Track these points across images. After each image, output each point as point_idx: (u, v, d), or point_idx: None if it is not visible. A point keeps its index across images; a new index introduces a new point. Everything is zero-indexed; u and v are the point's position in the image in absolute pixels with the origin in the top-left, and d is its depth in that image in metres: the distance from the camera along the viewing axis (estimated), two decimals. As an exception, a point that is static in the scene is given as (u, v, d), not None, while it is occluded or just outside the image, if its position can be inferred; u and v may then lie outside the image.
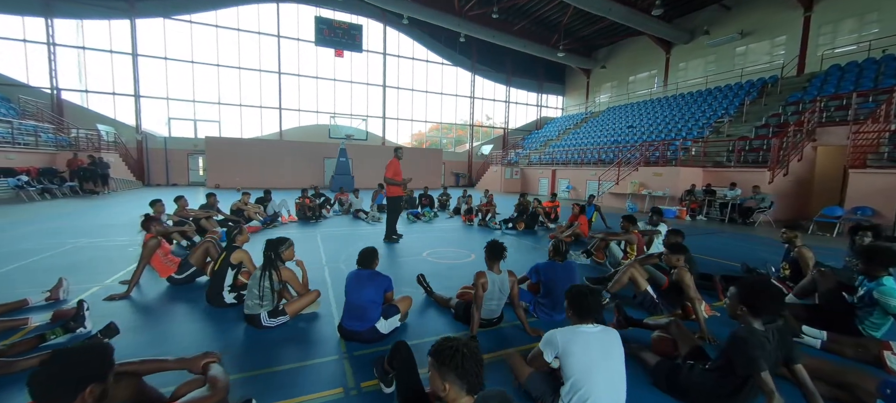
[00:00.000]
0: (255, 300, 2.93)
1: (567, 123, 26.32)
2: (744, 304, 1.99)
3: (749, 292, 1.98)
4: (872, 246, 3.21)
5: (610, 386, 1.77)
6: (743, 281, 2.05)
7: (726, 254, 6.50)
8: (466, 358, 1.36)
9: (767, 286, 2.00)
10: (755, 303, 1.96)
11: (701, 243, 7.50)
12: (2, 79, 16.47)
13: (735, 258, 6.13)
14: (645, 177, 13.61)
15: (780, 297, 1.98)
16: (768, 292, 1.97)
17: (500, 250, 3.02)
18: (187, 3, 19.05)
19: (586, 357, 1.79)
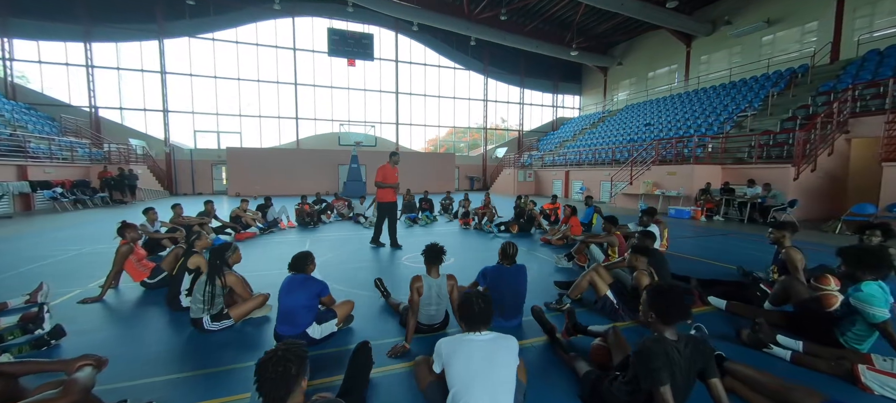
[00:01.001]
0: (198, 305, 3.01)
1: (583, 122, 25.65)
2: (653, 310, 1.83)
3: (657, 298, 1.81)
4: (854, 246, 2.89)
5: (490, 397, 1.66)
6: (653, 287, 1.88)
7: (731, 256, 6.06)
8: (263, 369, 1.33)
9: (677, 292, 1.82)
10: (664, 310, 1.79)
11: (709, 245, 7.05)
12: (47, 100, 18.06)
13: (741, 261, 5.70)
14: (658, 176, 12.98)
15: (687, 304, 1.80)
16: (677, 298, 1.79)
17: (437, 253, 2.94)
18: (210, 23, 20.16)
19: (468, 366, 1.69)
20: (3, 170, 10.94)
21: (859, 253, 2.81)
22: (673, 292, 1.80)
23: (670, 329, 1.80)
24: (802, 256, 3.58)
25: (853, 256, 2.77)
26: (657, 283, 1.88)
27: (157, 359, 2.69)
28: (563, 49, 23.34)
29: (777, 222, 3.92)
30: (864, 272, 2.70)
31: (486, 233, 8.22)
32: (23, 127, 14.09)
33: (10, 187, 10.65)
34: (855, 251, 2.84)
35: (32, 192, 11.32)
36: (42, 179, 11.86)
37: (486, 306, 1.84)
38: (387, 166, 6.46)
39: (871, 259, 2.68)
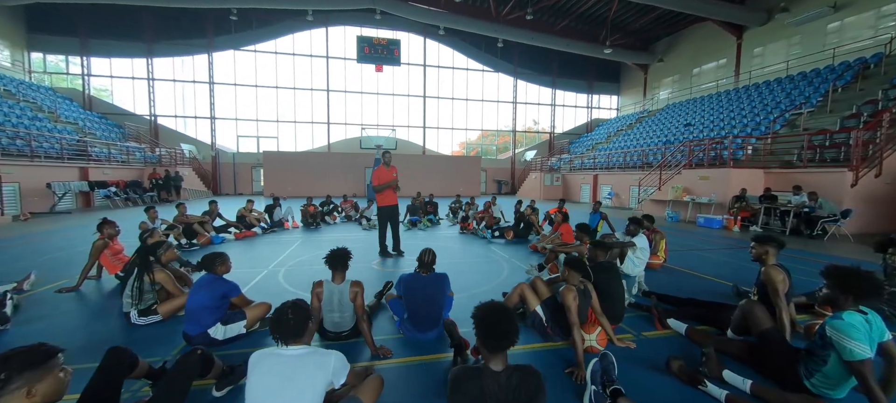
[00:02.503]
0: (127, 299, 3.17)
1: (619, 124, 24.16)
2: (477, 336, 1.59)
3: (479, 323, 1.57)
4: (840, 266, 2.36)
5: None
6: (478, 311, 1.63)
7: (749, 274, 5.30)
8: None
9: (496, 315, 1.56)
10: (481, 336, 1.55)
11: (726, 260, 6.24)
12: (116, 109, 20.51)
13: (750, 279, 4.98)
14: (690, 181, 11.82)
15: (506, 329, 1.53)
16: (494, 321, 1.54)
17: (339, 258, 2.84)
18: (253, 36, 21.74)
19: (262, 382, 1.58)
20: (68, 171, 12.55)
21: (844, 274, 2.28)
22: (492, 314, 1.56)
23: (495, 358, 1.56)
24: (785, 277, 3.00)
25: (835, 277, 2.27)
26: (480, 305, 1.63)
27: (83, 348, 2.85)
28: (597, 47, 22.15)
29: (760, 234, 3.33)
30: (846, 297, 2.20)
31: (480, 238, 7.97)
32: (92, 134, 16.10)
33: (72, 186, 12.18)
34: (839, 272, 2.31)
35: (91, 190, 12.85)
36: (100, 179, 13.43)
37: (298, 317, 1.71)
38: (381, 168, 6.03)
39: (857, 282, 2.18)
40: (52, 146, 12.71)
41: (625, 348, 2.94)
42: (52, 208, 11.39)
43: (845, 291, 2.18)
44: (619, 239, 5.29)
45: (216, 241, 6.99)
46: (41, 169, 11.54)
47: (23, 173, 10.81)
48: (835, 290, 2.21)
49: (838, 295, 2.20)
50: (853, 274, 2.21)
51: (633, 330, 3.32)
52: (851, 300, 2.16)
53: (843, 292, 2.18)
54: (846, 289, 2.19)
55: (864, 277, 2.18)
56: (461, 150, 28.73)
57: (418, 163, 23.03)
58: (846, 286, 2.20)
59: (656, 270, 5.45)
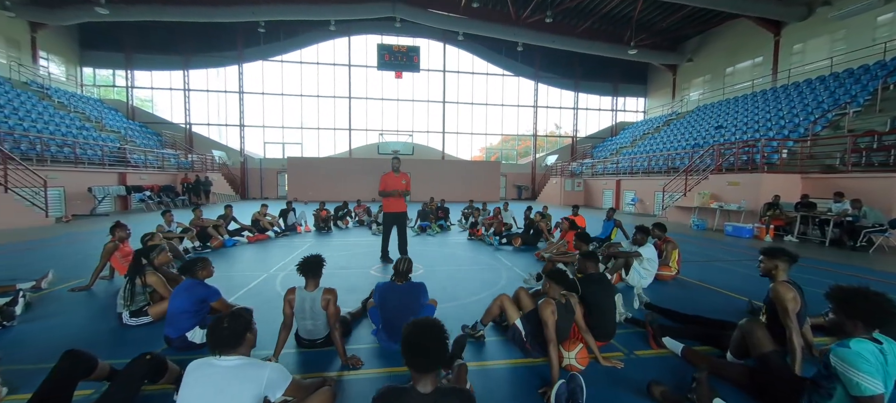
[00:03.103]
0: (120, 300, 3.30)
1: (646, 127, 23.20)
2: (402, 355, 1.49)
3: (404, 341, 1.48)
4: (849, 287, 2.08)
5: None
6: (405, 328, 1.52)
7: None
8: None
9: (423, 335, 1.46)
10: (407, 355, 1.46)
11: (746, 273, 5.77)
12: (156, 119, 21.94)
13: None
14: (718, 187, 11.11)
15: (431, 351, 1.42)
16: (420, 341, 1.44)
17: (311, 265, 2.82)
18: (280, 47, 22.67)
19: (192, 392, 1.56)
20: (108, 176, 13.49)
21: (850, 296, 2.01)
22: (417, 333, 1.46)
23: (423, 379, 1.46)
24: (796, 295, 2.69)
25: (840, 299, 2.00)
26: (410, 322, 1.53)
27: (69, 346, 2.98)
28: (622, 48, 21.38)
29: (770, 247, 3.01)
30: (854, 323, 1.93)
31: (486, 245, 7.82)
32: (132, 141, 17.26)
33: (111, 190, 13.07)
34: (845, 294, 2.04)
35: (128, 194, 13.75)
36: (136, 184, 14.35)
37: (234, 327, 1.69)
38: (390, 174, 5.99)
39: (864, 306, 1.90)
40: (94, 153, 13.73)
41: (611, 367, 2.73)
42: (92, 210, 12.26)
43: (851, 316, 1.92)
44: (625, 248, 5.03)
45: (228, 244, 7.25)
46: (84, 174, 12.47)
47: (67, 178, 11.71)
48: (840, 315, 1.95)
49: (845, 321, 1.93)
50: (861, 296, 1.94)
51: (626, 348, 3.09)
52: (861, 326, 1.89)
53: (849, 317, 1.91)
54: (852, 314, 1.92)
55: (873, 300, 1.90)
56: (482, 155, 28.57)
57: (437, 168, 23.08)
58: (852, 310, 1.93)
59: (667, 282, 5.11)
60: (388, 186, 5.90)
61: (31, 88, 16.32)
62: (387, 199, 5.96)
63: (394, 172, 5.94)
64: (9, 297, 3.60)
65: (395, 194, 5.89)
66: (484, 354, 3.06)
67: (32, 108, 14.21)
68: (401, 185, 5.90)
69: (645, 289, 4.71)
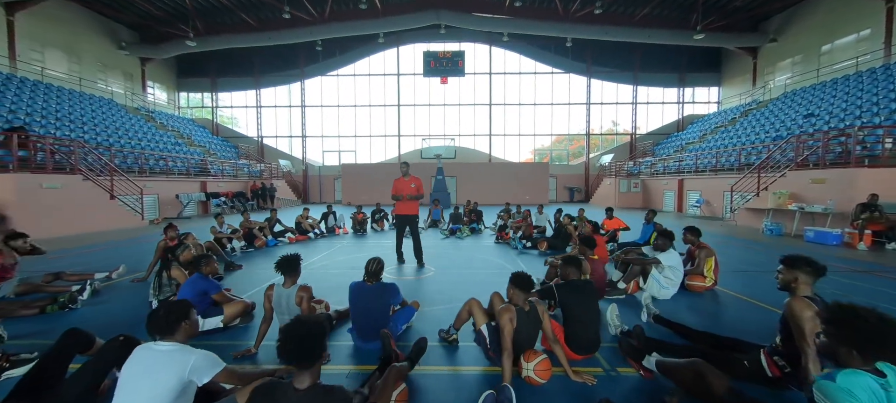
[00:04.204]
0: (151, 290, 3.84)
1: (719, 119, 20.63)
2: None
3: (281, 335, 1.52)
4: (844, 308, 1.70)
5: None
6: (286, 324, 1.57)
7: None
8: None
9: (299, 331, 1.48)
10: (280, 350, 1.50)
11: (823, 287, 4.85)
12: (235, 134, 24.98)
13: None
14: (798, 185, 9.48)
15: (302, 348, 1.44)
16: (293, 337, 1.47)
17: (287, 264, 3.00)
18: (336, 63, 24.38)
19: (128, 371, 1.77)
20: (192, 185, 15.66)
21: (849, 317, 1.63)
22: (295, 328, 1.50)
23: (300, 376, 1.49)
24: (814, 313, 2.23)
25: (830, 320, 1.64)
26: (285, 323, 1.57)
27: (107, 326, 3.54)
28: (687, 34, 19.33)
29: (791, 256, 2.51)
30: (848, 350, 1.58)
31: (511, 248, 7.59)
32: (213, 154, 19.84)
33: (194, 196, 15.15)
34: (836, 314, 1.66)
35: (207, 200, 15.81)
36: (215, 191, 16.44)
37: (170, 315, 1.88)
38: (400, 178, 6.22)
39: (867, 331, 1.54)
40: (182, 165, 16.04)
41: (582, 383, 2.51)
42: (179, 214, 14.32)
43: (844, 341, 1.56)
44: (646, 255, 4.56)
45: (270, 244, 7.99)
46: (173, 183, 14.63)
47: (160, 187, 13.84)
48: (833, 339, 1.59)
49: (837, 347, 1.57)
50: (859, 318, 1.56)
51: (609, 364, 2.81)
52: (855, 355, 1.52)
53: (842, 342, 1.55)
54: (845, 339, 1.56)
55: (872, 323, 1.52)
56: (533, 157, 27.76)
57: (483, 171, 22.95)
58: (846, 334, 1.56)
59: (700, 294, 4.51)
60: (399, 190, 6.09)
61: (141, 113, 19.60)
62: (398, 202, 6.14)
63: (404, 176, 6.14)
64: (80, 285, 4.39)
65: (403, 197, 6.06)
66: (456, 359, 3.01)
67: (140, 128, 17.06)
68: (410, 188, 6.05)
69: (667, 300, 4.24)
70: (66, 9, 16.97)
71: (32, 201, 8.75)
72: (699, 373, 2.11)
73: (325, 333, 1.55)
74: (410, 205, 6.13)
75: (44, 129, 11.95)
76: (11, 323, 3.56)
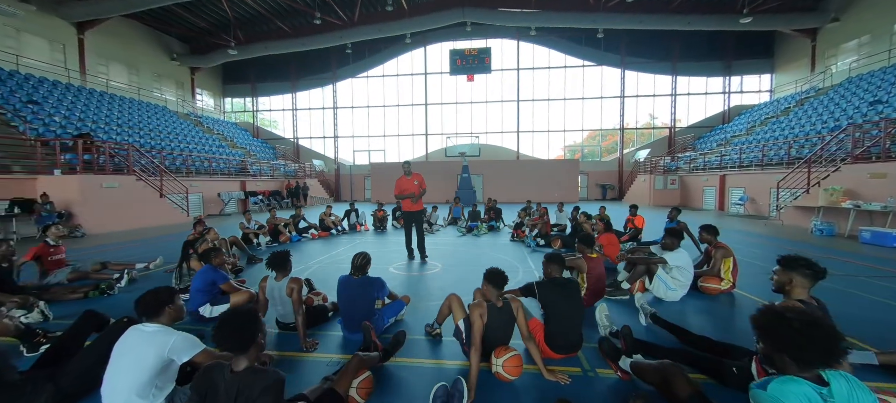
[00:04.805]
0: (173, 280, 4.22)
1: (771, 109, 18.94)
2: None
3: (216, 326, 1.67)
4: (773, 311, 1.59)
5: (112, 383, 1.91)
6: (221, 316, 1.71)
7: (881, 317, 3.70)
8: None
9: (236, 319, 1.61)
10: (217, 336, 1.63)
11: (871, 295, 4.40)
12: (272, 135, 26.46)
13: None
14: (854, 180, 8.52)
15: (234, 335, 1.57)
16: (229, 324, 1.60)
17: (277, 259, 3.18)
18: (365, 64, 25.10)
19: (118, 348, 1.98)
20: (233, 184, 16.81)
21: (776, 321, 1.52)
22: (232, 317, 1.62)
23: (237, 359, 1.61)
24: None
25: (764, 325, 1.53)
26: (221, 314, 1.69)
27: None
28: (732, 18, 17.93)
29: (789, 256, 2.31)
30: (783, 356, 1.48)
31: (525, 246, 7.49)
32: (253, 155, 21.16)
33: (234, 194, 16.27)
34: (771, 317, 1.55)
35: (246, 198, 16.91)
36: (252, 189, 17.55)
37: (156, 299, 2.08)
38: (402, 177, 6.39)
39: (794, 336, 1.43)
40: (224, 166, 17.26)
41: (555, 382, 2.47)
42: (220, 210, 15.44)
43: (777, 347, 1.46)
44: (655, 254, 4.36)
45: (294, 240, 8.43)
46: (216, 182, 15.79)
47: (204, 186, 14.99)
48: (767, 345, 1.49)
49: (772, 353, 1.47)
50: (775, 321, 1.45)
51: (591, 364, 2.74)
52: (789, 362, 1.41)
53: (776, 348, 1.45)
54: (777, 345, 1.46)
55: (792, 326, 1.41)
56: (564, 154, 26.97)
57: (510, 169, 22.66)
58: (776, 340, 1.46)
59: (714, 297, 4.23)
60: (401, 188, 6.26)
61: (190, 118, 21.30)
62: (403, 200, 6.31)
63: (406, 175, 6.29)
64: (119, 274, 4.91)
65: (409, 196, 6.21)
66: (439, 352, 3.06)
67: (188, 132, 18.57)
68: (413, 186, 6.18)
69: (675, 302, 4.02)
70: (126, 25, 18.80)
71: (94, 200, 9.83)
72: (666, 376, 2.01)
73: (257, 322, 1.66)
74: (416, 202, 6.26)
75: (106, 135, 13.37)
76: (60, 306, 4.08)
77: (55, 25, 15.79)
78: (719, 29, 18.82)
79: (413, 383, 2.56)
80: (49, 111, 12.73)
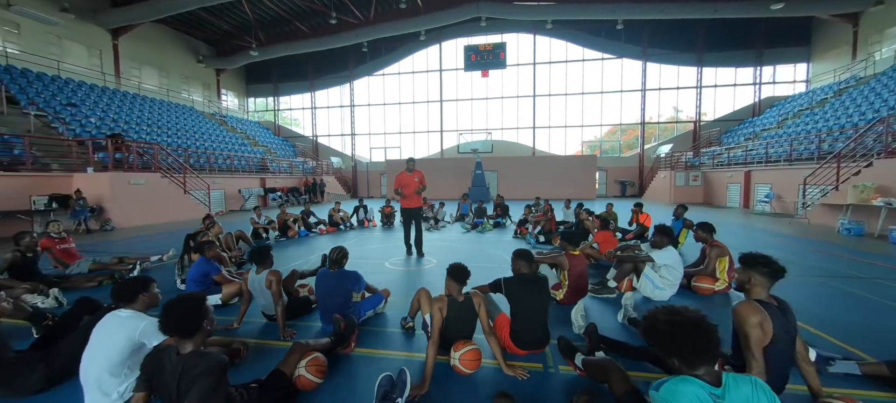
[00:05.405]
0: (176, 271, 4.49)
1: (806, 100, 17.79)
2: None
3: (161, 311, 1.78)
4: (653, 315, 1.59)
5: (86, 364, 2.08)
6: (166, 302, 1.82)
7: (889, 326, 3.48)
8: None
9: (176, 306, 1.73)
10: (162, 321, 1.75)
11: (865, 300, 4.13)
12: (293, 133, 27.28)
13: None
14: (890, 177, 7.91)
15: (173, 320, 1.69)
16: (172, 310, 1.71)
17: (257, 253, 3.32)
18: (382, 63, 25.40)
19: (96, 330, 2.16)
20: (253, 181, 17.50)
21: (647, 323, 1.54)
22: (174, 304, 1.76)
23: (183, 344, 1.73)
24: (764, 321, 1.97)
25: (645, 329, 1.55)
26: (167, 302, 1.81)
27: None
28: (761, 5, 16.90)
29: (749, 254, 2.21)
30: (670, 359, 1.48)
31: (526, 243, 7.43)
32: (273, 153, 21.91)
33: (254, 191, 16.93)
34: (650, 320, 1.54)
35: (266, 194, 17.56)
36: (272, 186, 18.20)
37: (130, 287, 2.25)
38: (404, 173, 6.41)
39: (660, 336, 1.47)
40: (245, 163, 17.97)
41: (512, 377, 2.48)
42: (241, 206, 16.11)
43: (660, 350, 1.48)
44: (644, 252, 4.25)
45: (302, 235, 8.72)
46: (237, 179, 16.49)
47: (226, 182, 15.68)
48: (654, 347, 1.50)
49: (665, 356, 1.48)
50: (650, 322, 1.51)
51: (554, 361, 2.73)
52: (678, 363, 1.41)
53: (660, 351, 1.47)
54: (658, 347, 1.49)
55: (656, 325, 1.43)
56: (584, 150, 26.36)
57: (525, 165, 22.40)
58: (651, 341, 1.49)
59: (708, 297, 4.08)
60: (400, 183, 6.28)
61: (215, 118, 22.29)
62: (403, 197, 6.32)
63: (407, 171, 6.31)
64: (132, 265, 5.27)
65: (405, 194, 6.25)
66: (411, 345, 3.12)
67: (213, 132, 19.44)
68: (414, 182, 6.19)
69: (663, 301, 3.92)
70: (157, 30, 19.85)
71: (122, 196, 10.51)
72: (605, 372, 2.00)
73: (201, 310, 1.77)
74: (414, 199, 6.30)
75: (137, 134, 14.22)
76: (76, 293, 4.42)
77: (92, 32, 16.89)
78: (750, 16, 17.79)
79: (377, 373, 2.63)
80: (86, 113, 13.67)
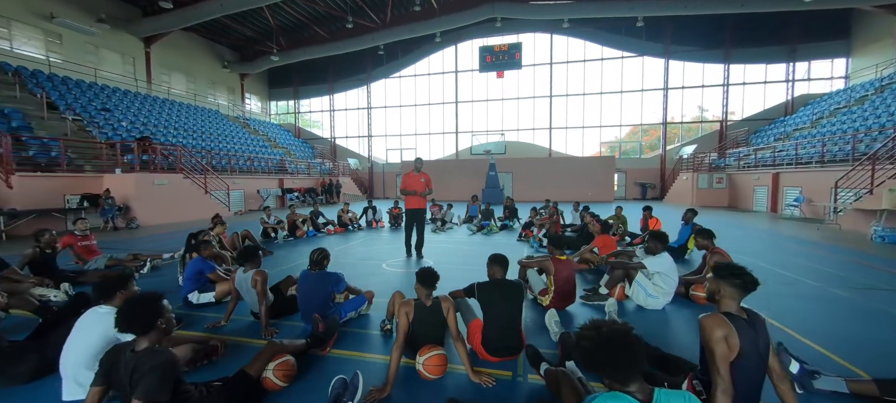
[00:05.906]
0: (178, 268, 4.70)
1: (843, 98, 16.65)
2: None
3: (117, 311, 1.86)
4: (575, 337, 1.58)
5: (68, 351, 2.20)
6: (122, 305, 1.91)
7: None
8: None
9: (130, 305, 1.81)
10: (118, 320, 1.83)
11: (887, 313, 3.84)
12: (312, 135, 27.98)
13: None
14: (929, 181, 7.29)
15: (126, 319, 1.76)
16: (126, 309, 1.79)
17: (244, 253, 3.43)
18: (398, 65, 25.66)
19: (77, 325, 2.30)
20: (272, 182, 18.08)
21: (578, 339, 1.50)
22: (129, 303, 1.84)
23: (140, 341, 1.80)
24: (731, 335, 1.85)
25: (575, 348, 1.52)
26: (129, 297, 1.88)
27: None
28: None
29: (722, 264, 2.07)
30: (604, 375, 1.44)
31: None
32: (292, 154, 22.55)
33: (272, 191, 17.49)
34: (577, 340, 1.51)
35: (283, 194, 18.10)
36: (289, 186, 18.74)
37: (109, 284, 2.37)
38: (411, 173, 6.44)
39: (587, 353, 1.42)
40: (265, 164, 18.59)
41: (478, 384, 2.45)
42: (260, 206, 16.66)
43: (591, 367, 1.45)
44: (639, 259, 4.11)
45: (310, 235, 8.93)
46: (256, 180, 17.08)
47: (246, 183, 16.28)
48: (581, 363, 1.47)
49: (590, 371, 1.45)
50: (578, 338, 1.48)
51: (524, 369, 2.67)
52: (609, 381, 1.36)
53: (591, 368, 1.44)
54: (588, 363, 1.45)
55: (594, 344, 1.42)
56: (603, 151, 25.70)
57: (541, 166, 22.08)
58: (583, 359, 1.47)
59: (703, 306, 3.89)
60: (408, 185, 6.26)
61: (239, 121, 23.18)
62: (408, 197, 6.33)
63: (415, 172, 6.30)
64: (143, 262, 5.56)
65: (415, 193, 6.22)
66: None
67: (236, 134, 20.24)
68: (420, 183, 6.19)
69: (656, 310, 3.77)
70: (185, 38, 20.86)
71: (147, 195, 11.09)
72: (557, 383, 1.94)
73: (156, 308, 1.84)
74: (419, 200, 6.29)
75: (164, 137, 14.99)
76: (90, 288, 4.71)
77: (126, 41, 17.95)
78: (781, 10, 16.83)
79: (349, 375, 2.66)
80: (118, 117, 14.54)
